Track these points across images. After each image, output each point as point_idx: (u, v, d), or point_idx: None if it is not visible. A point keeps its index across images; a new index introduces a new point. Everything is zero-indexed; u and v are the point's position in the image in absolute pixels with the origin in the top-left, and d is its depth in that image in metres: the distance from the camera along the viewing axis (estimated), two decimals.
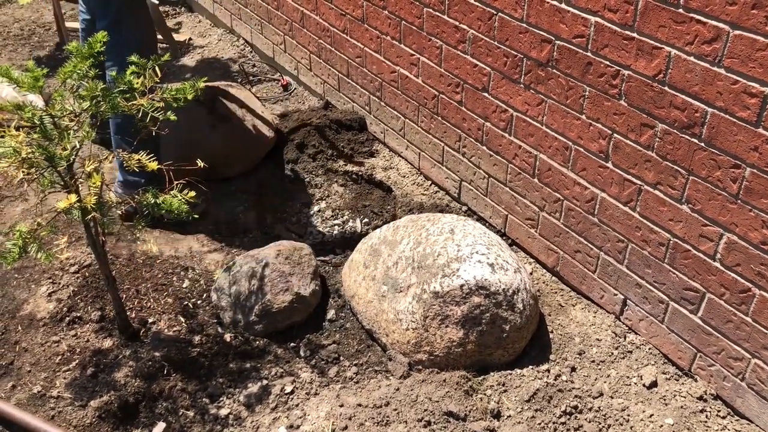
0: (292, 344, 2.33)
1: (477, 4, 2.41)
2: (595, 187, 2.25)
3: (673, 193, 2.01)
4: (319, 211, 2.96)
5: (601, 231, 2.30)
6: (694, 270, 2.04)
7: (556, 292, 2.53)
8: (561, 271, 2.55)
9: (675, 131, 1.93)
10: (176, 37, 4.29)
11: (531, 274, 2.60)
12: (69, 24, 4.21)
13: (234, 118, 3.06)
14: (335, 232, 2.86)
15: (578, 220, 2.37)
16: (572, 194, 2.35)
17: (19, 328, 2.32)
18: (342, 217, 2.94)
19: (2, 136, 1.83)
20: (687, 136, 1.91)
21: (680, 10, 1.79)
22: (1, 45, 4.32)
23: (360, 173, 3.16)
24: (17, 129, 1.86)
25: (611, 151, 2.15)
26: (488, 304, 2.12)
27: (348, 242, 2.77)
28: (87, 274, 2.52)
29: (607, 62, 2.04)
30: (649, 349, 2.28)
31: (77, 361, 2.21)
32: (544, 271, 2.63)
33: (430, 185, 3.10)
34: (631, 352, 2.27)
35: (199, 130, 2.95)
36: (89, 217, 1.96)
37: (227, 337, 2.32)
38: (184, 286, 2.52)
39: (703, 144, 1.88)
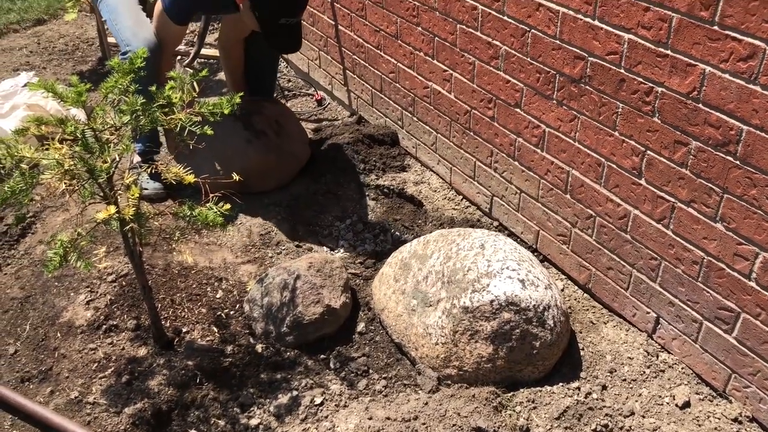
0: (322, 356, 2.35)
1: (510, 21, 2.42)
2: (628, 204, 2.24)
3: (707, 211, 1.99)
4: (350, 224, 2.99)
5: (634, 248, 2.28)
6: (728, 289, 2.01)
7: (587, 309, 2.51)
8: (593, 288, 2.53)
9: (709, 149, 1.92)
10: (213, 52, 4.38)
11: (562, 290, 2.59)
12: (111, 39, 4.33)
13: (270, 134, 3.10)
14: (366, 245, 2.88)
15: (611, 236, 2.35)
16: (605, 211, 2.34)
17: (58, 335, 2.38)
18: (373, 230, 2.96)
19: (47, 149, 1.90)
20: (722, 154, 1.89)
21: (715, 27, 1.78)
22: (46, 59, 4.46)
23: (391, 187, 3.19)
24: (60, 142, 1.92)
25: (644, 168, 2.13)
26: (518, 320, 2.12)
27: (379, 256, 2.79)
28: (124, 283, 2.58)
29: (641, 79, 2.03)
30: (683, 368, 2.24)
31: (113, 368, 2.26)
32: (576, 287, 2.61)
33: (462, 200, 3.11)
34: (663, 371, 2.24)
35: (235, 144, 2.99)
36: (127, 227, 2.01)
37: (259, 347, 2.35)
38: (218, 296, 2.57)
39: (738, 162, 1.85)
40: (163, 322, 2.38)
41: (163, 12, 2.76)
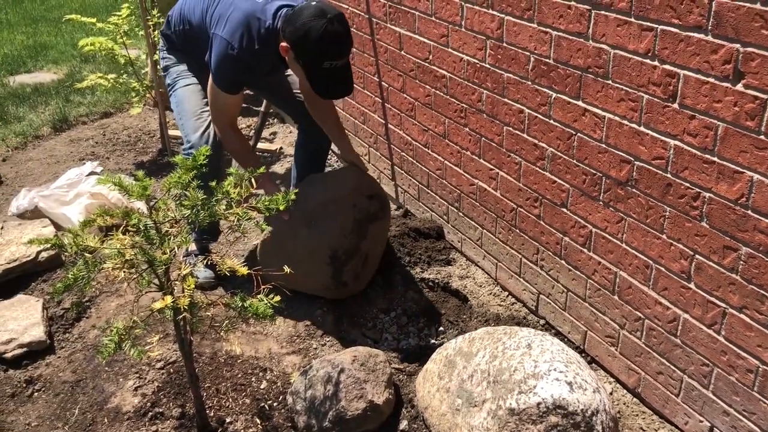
0: None
1: (556, 124, 2.50)
2: (678, 308, 2.21)
3: (761, 318, 1.95)
4: (395, 317, 3.00)
5: (685, 353, 2.23)
6: None
7: (637, 415, 2.44)
8: (642, 393, 2.46)
9: (760, 255, 1.90)
10: (269, 146, 4.57)
11: (611, 394, 2.52)
12: (171, 132, 4.57)
13: (350, 283, 2.99)
14: (410, 339, 2.88)
15: (660, 340, 2.31)
16: (653, 313, 2.31)
17: (105, 420, 2.41)
18: (417, 324, 2.96)
19: (110, 238, 2.00)
20: None
21: (762, 137, 1.81)
22: (110, 150, 4.71)
23: (436, 281, 3.21)
24: (123, 232, 2.03)
25: (693, 272, 2.12)
26: (566, 425, 2.07)
27: (423, 350, 2.78)
28: (171, 370, 2.62)
29: (687, 184, 2.05)
30: None
31: None
32: (625, 391, 2.54)
33: (507, 296, 3.10)
34: None
35: (314, 281, 2.97)
36: (180, 317, 2.07)
37: None
38: (262, 387, 2.58)
39: None
40: (207, 412, 2.39)
41: (213, 84, 2.81)
